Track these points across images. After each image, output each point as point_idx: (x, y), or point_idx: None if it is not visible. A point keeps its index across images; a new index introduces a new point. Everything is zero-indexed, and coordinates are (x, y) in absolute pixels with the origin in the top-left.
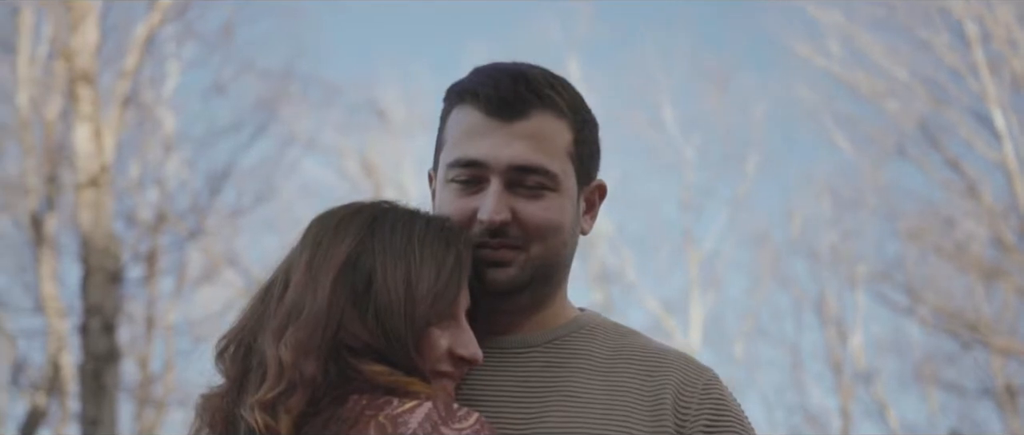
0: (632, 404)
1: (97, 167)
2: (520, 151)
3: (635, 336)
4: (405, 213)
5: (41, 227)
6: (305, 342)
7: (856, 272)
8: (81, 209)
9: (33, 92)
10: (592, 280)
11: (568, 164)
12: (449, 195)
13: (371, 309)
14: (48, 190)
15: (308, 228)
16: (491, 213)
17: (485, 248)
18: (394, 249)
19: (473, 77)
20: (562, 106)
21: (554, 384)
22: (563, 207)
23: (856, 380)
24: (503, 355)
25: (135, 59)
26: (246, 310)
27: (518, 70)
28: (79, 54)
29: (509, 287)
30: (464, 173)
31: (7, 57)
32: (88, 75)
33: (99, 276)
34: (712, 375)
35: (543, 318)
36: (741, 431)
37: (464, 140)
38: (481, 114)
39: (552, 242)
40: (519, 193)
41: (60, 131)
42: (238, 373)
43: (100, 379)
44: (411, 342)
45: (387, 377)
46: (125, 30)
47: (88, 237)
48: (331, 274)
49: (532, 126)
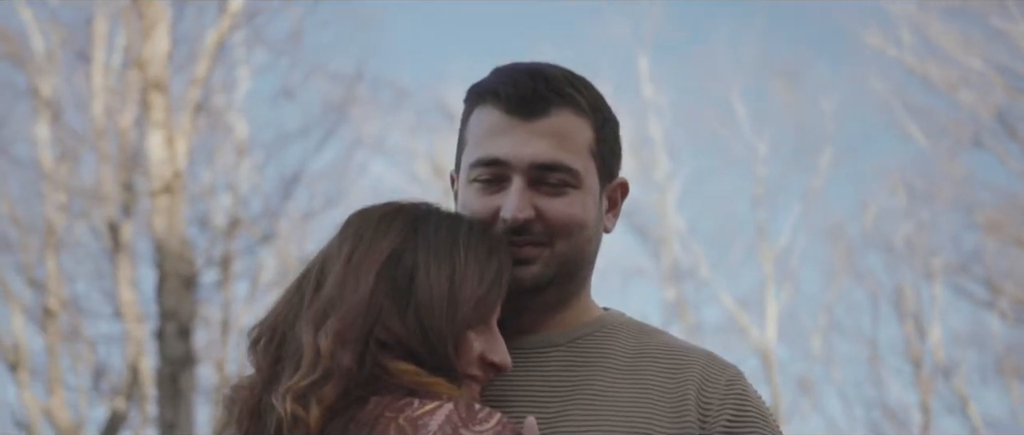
0: (655, 401)
1: (170, 174)
2: (542, 149)
3: (659, 334)
4: (448, 216)
5: (118, 234)
6: (344, 332)
7: (933, 265)
8: (155, 215)
9: (108, 101)
10: (664, 278)
11: (590, 162)
12: (472, 195)
13: (412, 306)
14: (124, 197)
15: (347, 222)
16: (514, 211)
17: (509, 246)
18: (439, 249)
19: (493, 77)
20: (583, 104)
21: (577, 382)
22: (586, 204)
23: (936, 374)
24: (527, 355)
25: (205, 66)
26: (279, 301)
27: (538, 69)
28: (151, 62)
29: (533, 284)
30: (486, 172)
31: (82, 66)
32: (160, 83)
33: (174, 281)
34: (735, 372)
35: (567, 317)
36: (764, 426)
37: (485, 139)
38: (502, 113)
39: (576, 238)
40: (542, 191)
41: (134, 139)
42: (270, 363)
43: (177, 383)
44: (450, 342)
45: (412, 377)
46: (196, 37)
47: (162, 243)
48: (374, 268)
49: (553, 124)
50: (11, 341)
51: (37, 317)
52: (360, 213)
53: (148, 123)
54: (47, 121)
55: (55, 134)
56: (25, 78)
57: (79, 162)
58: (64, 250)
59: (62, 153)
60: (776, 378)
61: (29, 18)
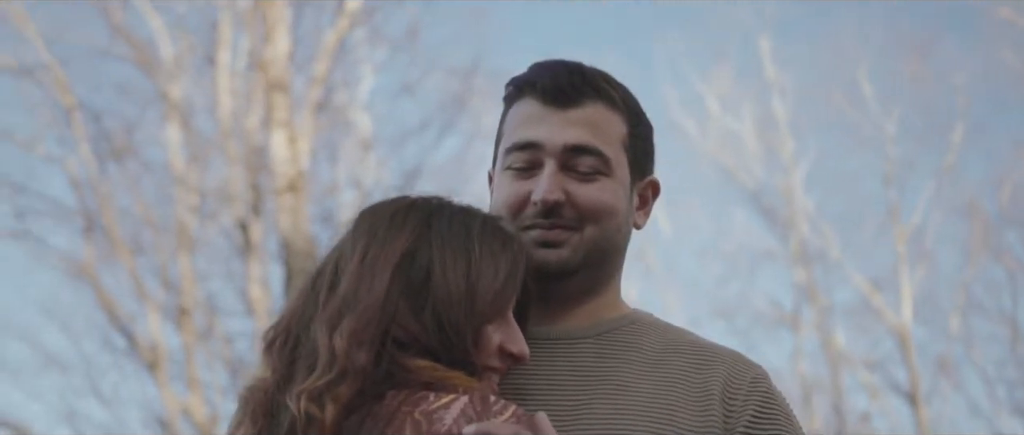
0: (679, 394)
1: (293, 172)
2: (576, 134)
3: (687, 333)
4: (461, 209)
5: (247, 233)
6: (360, 332)
7: None
8: (280, 214)
9: (234, 103)
10: (793, 260)
11: (622, 153)
12: (506, 181)
13: (429, 304)
14: (252, 197)
15: (358, 220)
16: (545, 192)
17: (537, 229)
18: (453, 244)
19: (531, 70)
20: (616, 99)
21: (603, 374)
22: (616, 191)
23: None
24: (554, 345)
25: (325, 65)
26: (293, 302)
27: (575, 64)
28: (272, 63)
29: (560, 268)
30: (520, 158)
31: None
32: (281, 83)
33: (300, 278)
34: (761, 371)
35: (594, 309)
36: (786, 425)
37: (521, 127)
38: (538, 103)
39: (606, 224)
40: (573, 176)
41: (260, 139)
42: (284, 364)
43: None
44: (470, 337)
45: (429, 373)
46: (315, 37)
47: (288, 241)
48: (389, 267)
49: (587, 113)
50: (149, 341)
51: (173, 317)
52: (371, 210)
53: (271, 123)
54: (177, 125)
55: (185, 137)
56: (155, 83)
57: (208, 164)
58: (196, 250)
59: (192, 155)
60: (914, 359)
61: (158, 25)
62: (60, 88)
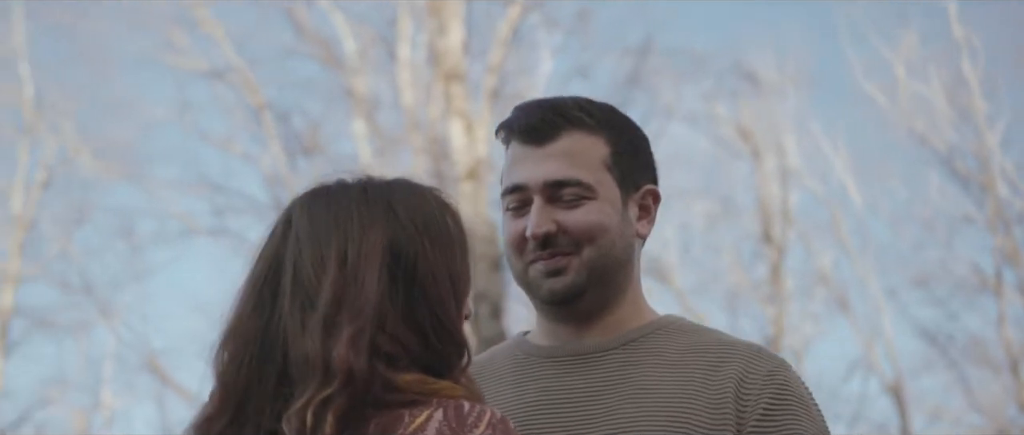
0: (695, 394)
1: (472, 160)
2: (553, 168)
3: (712, 333)
4: (406, 185)
5: None
6: (357, 339)
7: None
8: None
9: (415, 94)
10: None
11: (604, 174)
12: (506, 222)
13: (421, 302)
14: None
15: (303, 214)
16: (534, 226)
17: (540, 261)
18: (425, 227)
19: (512, 113)
20: (592, 123)
21: (629, 380)
22: (603, 210)
23: None
24: (585, 360)
25: (499, 54)
26: (240, 310)
27: (549, 101)
28: (448, 54)
29: (569, 293)
30: (513, 199)
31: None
32: (457, 73)
33: (483, 264)
34: (780, 363)
35: (617, 321)
36: (803, 412)
37: (509, 170)
38: (520, 144)
39: (601, 242)
40: (560, 205)
41: (441, 129)
42: (246, 381)
43: None
44: (459, 324)
45: (420, 387)
46: (489, 26)
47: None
48: (374, 265)
49: (563, 145)
50: None
51: None
52: (311, 201)
53: (450, 113)
54: (362, 119)
55: (370, 130)
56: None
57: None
58: None
59: (379, 148)
60: None
61: (340, 22)
62: (249, 89)
